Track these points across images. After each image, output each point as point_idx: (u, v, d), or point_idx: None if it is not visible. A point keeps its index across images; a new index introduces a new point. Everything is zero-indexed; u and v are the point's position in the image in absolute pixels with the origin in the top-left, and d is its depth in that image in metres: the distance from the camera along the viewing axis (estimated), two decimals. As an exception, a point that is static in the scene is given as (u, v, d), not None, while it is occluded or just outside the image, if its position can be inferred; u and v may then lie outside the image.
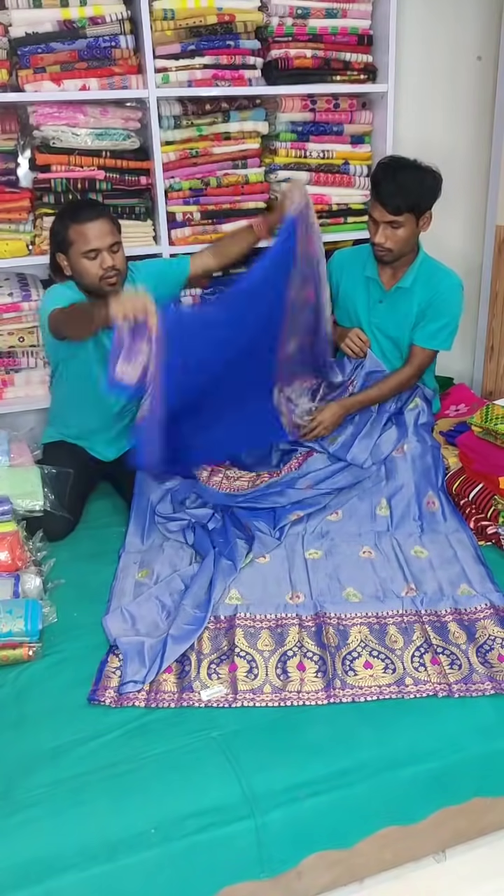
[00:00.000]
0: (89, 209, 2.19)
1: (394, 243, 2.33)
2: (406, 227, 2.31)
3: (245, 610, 1.95)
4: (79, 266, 2.19)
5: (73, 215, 2.17)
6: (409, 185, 2.25)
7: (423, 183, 2.28)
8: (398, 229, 2.30)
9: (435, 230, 2.44)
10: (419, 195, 2.27)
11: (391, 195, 2.24)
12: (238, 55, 2.54)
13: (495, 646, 1.83)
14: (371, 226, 2.36)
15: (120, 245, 2.21)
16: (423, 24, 2.87)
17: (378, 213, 2.30)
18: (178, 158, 2.61)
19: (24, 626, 1.81)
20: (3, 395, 2.69)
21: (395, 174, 2.26)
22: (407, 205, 2.26)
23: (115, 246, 2.19)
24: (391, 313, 2.49)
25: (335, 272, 2.59)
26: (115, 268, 2.18)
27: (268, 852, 1.46)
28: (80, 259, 2.17)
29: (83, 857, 1.37)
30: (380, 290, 2.49)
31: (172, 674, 1.77)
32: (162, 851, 1.40)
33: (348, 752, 1.56)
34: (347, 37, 2.65)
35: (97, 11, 2.37)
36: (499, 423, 2.32)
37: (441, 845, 1.67)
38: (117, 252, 2.20)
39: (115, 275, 2.19)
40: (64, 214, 2.21)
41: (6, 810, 1.44)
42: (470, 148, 3.11)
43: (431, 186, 2.30)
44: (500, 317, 3.15)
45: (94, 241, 2.15)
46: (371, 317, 2.53)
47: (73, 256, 2.19)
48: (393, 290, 2.46)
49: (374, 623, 1.91)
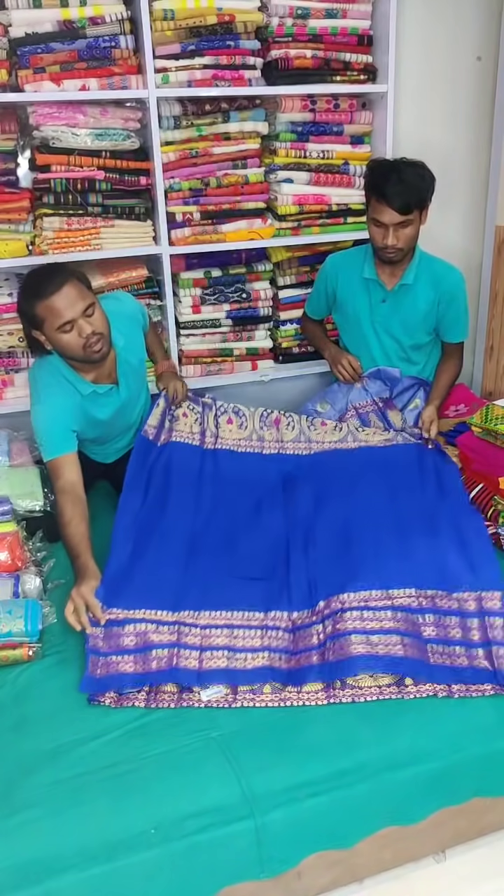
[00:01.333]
0: (50, 280, 1.97)
1: (404, 243, 2.34)
2: (414, 224, 2.33)
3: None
4: (58, 342, 2.02)
5: (35, 291, 1.98)
6: (412, 182, 2.27)
7: (424, 177, 2.30)
8: (407, 228, 2.31)
9: (435, 230, 2.45)
10: (424, 189, 2.30)
11: (399, 195, 2.25)
12: (238, 55, 2.54)
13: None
14: (375, 230, 2.36)
15: (94, 305, 2.02)
16: (422, 25, 2.87)
17: (388, 217, 2.29)
18: (177, 159, 2.61)
19: (24, 627, 1.81)
20: (3, 395, 2.70)
21: (396, 175, 2.26)
22: (416, 201, 2.27)
23: (90, 309, 2.00)
24: (395, 311, 2.50)
25: (330, 277, 2.59)
26: (94, 333, 2.01)
27: (268, 852, 1.46)
28: (57, 334, 2.00)
29: (83, 857, 1.37)
30: (381, 290, 2.49)
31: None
32: (162, 851, 1.40)
33: (348, 752, 1.56)
34: (347, 37, 2.65)
35: (97, 11, 2.37)
36: (499, 424, 2.32)
37: (441, 845, 1.67)
38: (93, 315, 2.01)
39: (97, 340, 2.03)
40: (27, 291, 2.02)
41: (6, 810, 1.44)
42: (470, 148, 3.11)
43: (430, 179, 2.33)
44: (500, 317, 3.15)
45: (66, 313, 1.96)
46: (374, 317, 2.53)
47: (48, 333, 2.02)
48: (396, 288, 2.47)
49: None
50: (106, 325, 2.08)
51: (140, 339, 2.36)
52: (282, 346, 3.01)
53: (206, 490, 2.27)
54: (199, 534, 2.13)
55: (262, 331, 2.95)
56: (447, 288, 2.47)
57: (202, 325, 2.85)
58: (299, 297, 2.94)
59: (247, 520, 2.21)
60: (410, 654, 1.73)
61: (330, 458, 2.42)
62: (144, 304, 2.73)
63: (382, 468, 2.36)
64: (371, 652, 1.72)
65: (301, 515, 2.21)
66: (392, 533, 2.09)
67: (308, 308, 2.79)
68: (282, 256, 2.87)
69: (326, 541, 2.09)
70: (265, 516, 2.23)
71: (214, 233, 2.71)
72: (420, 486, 2.31)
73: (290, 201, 2.76)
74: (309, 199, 2.78)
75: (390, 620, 1.80)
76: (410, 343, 2.55)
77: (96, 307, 2.04)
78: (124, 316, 2.25)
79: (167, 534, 2.11)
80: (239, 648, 1.79)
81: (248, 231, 2.75)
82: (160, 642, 1.79)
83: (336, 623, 1.80)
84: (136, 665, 1.75)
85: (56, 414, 2.10)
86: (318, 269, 2.90)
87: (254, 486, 2.32)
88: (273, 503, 2.27)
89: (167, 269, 2.70)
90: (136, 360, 2.31)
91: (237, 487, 2.30)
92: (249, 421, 2.48)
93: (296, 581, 1.97)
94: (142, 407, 2.43)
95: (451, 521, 2.14)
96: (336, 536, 2.10)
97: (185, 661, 1.74)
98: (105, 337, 2.07)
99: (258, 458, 2.43)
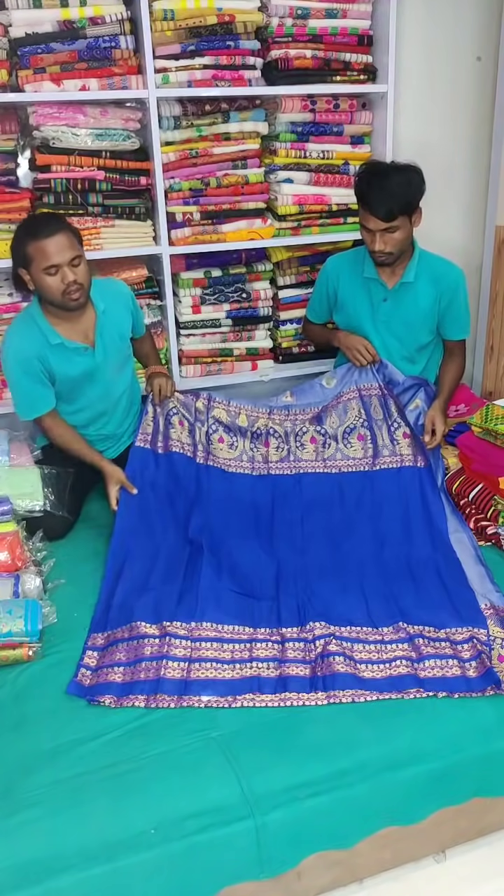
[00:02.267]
0: (47, 224, 2.13)
1: (393, 247, 2.34)
2: (402, 229, 2.31)
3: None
4: (41, 282, 2.15)
5: (31, 231, 2.13)
6: (395, 189, 2.25)
7: (411, 183, 2.28)
8: (395, 233, 2.31)
9: (435, 230, 2.45)
10: (408, 196, 2.28)
11: (381, 203, 2.24)
12: (238, 55, 2.54)
13: (495, 646, 1.83)
14: (366, 234, 2.36)
15: (81, 258, 2.16)
16: (422, 25, 2.87)
17: (372, 223, 2.29)
18: (177, 159, 2.61)
19: (24, 627, 1.81)
20: (2, 395, 2.69)
21: (378, 182, 2.26)
22: (399, 208, 2.26)
23: (76, 260, 2.14)
24: (397, 310, 2.50)
25: (331, 278, 2.59)
26: (76, 282, 2.14)
27: (268, 853, 1.46)
28: (42, 275, 2.13)
29: (83, 857, 1.37)
30: (382, 289, 2.49)
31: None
32: (162, 852, 1.40)
33: (348, 753, 1.55)
34: (347, 37, 2.65)
35: (97, 12, 2.37)
36: (499, 424, 2.32)
37: (441, 846, 1.67)
38: (78, 266, 2.15)
39: (77, 289, 2.15)
40: (22, 230, 2.16)
41: (6, 810, 1.44)
42: (469, 148, 3.11)
43: (418, 184, 2.30)
44: (500, 317, 3.15)
45: (54, 257, 2.10)
46: (376, 316, 2.53)
47: (34, 272, 2.14)
48: (397, 286, 2.47)
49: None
50: (88, 278, 2.21)
51: (125, 318, 2.41)
52: (282, 346, 3.01)
53: (198, 507, 2.31)
54: (193, 551, 2.16)
55: (261, 331, 2.95)
56: (448, 285, 2.47)
57: (202, 325, 2.85)
58: (299, 297, 2.94)
59: (237, 540, 2.23)
60: (402, 672, 1.75)
61: (317, 484, 2.43)
62: (144, 304, 2.74)
63: (368, 502, 2.37)
64: (362, 676, 1.74)
65: (290, 543, 2.24)
66: (377, 576, 2.10)
67: (309, 313, 2.77)
68: (282, 256, 2.87)
69: (315, 573, 2.11)
70: (254, 538, 2.26)
71: (214, 233, 2.71)
72: (402, 527, 2.30)
73: (290, 201, 2.76)
74: (309, 199, 2.78)
75: (382, 652, 1.82)
76: (413, 342, 2.55)
77: (83, 260, 2.17)
78: (111, 290, 2.39)
79: (161, 550, 2.17)
80: (227, 661, 1.80)
81: (248, 231, 2.75)
82: (151, 654, 1.80)
83: (327, 644, 1.81)
84: (125, 676, 1.76)
85: (25, 366, 2.24)
86: (318, 269, 2.90)
87: (244, 507, 2.36)
88: (262, 526, 2.31)
89: (167, 269, 2.70)
90: (117, 333, 2.37)
91: (228, 506, 2.34)
92: (240, 441, 2.50)
93: (286, 604, 1.99)
94: (127, 387, 2.47)
95: (434, 567, 2.13)
96: (325, 570, 2.12)
97: (171, 672, 1.75)
98: (84, 289, 2.19)
99: (248, 479, 2.45)
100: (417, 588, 2.05)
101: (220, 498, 2.36)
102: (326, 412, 2.52)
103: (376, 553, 2.20)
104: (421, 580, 2.08)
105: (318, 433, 2.51)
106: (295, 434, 2.52)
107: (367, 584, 2.07)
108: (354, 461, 2.47)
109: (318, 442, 2.51)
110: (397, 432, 2.48)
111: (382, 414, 2.51)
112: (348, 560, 2.17)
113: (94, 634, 1.91)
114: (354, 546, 2.23)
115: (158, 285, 2.76)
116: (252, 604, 1.99)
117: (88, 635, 1.91)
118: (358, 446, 2.49)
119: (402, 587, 2.05)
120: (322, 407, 2.53)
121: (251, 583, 2.07)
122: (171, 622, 1.87)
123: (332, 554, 2.20)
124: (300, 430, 2.52)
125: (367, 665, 1.77)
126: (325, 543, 2.25)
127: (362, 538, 2.26)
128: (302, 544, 2.24)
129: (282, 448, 2.50)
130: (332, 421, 2.52)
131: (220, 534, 2.24)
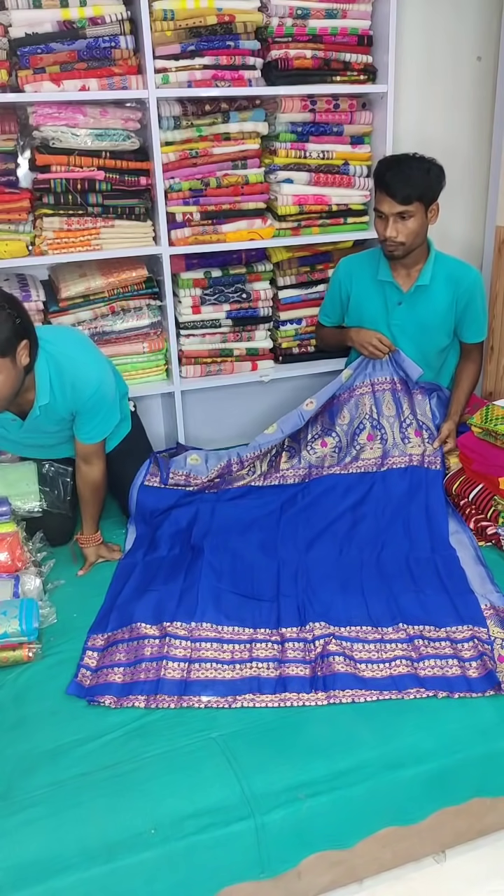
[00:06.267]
0: None
1: (405, 236, 2.31)
2: (416, 217, 2.30)
3: None
4: None
5: None
6: (416, 174, 2.26)
7: (430, 171, 2.29)
8: (408, 220, 2.29)
9: (435, 230, 2.44)
10: (427, 183, 2.28)
11: (400, 185, 2.24)
12: (238, 55, 2.54)
13: (495, 646, 1.83)
14: (379, 222, 2.35)
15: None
16: (422, 25, 2.87)
17: (387, 206, 2.28)
18: (177, 159, 2.61)
19: (20, 626, 1.80)
20: None
21: (400, 165, 2.27)
22: (417, 193, 2.26)
23: None
24: (412, 313, 2.48)
25: (344, 280, 2.57)
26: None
27: (268, 853, 1.46)
28: None
29: (83, 857, 1.37)
30: (398, 292, 2.48)
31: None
32: (162, 852, 1.40)
33: (348, 753, 1.56)
34: (347, 37, 2.65)
35: (97, 12, 2.37)
36: (499, 424, 2.32)
37: (441, 846, 1.67)
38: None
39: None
40: None
41: (6, 811, 1.44)
42: (470, 148, 3.11)
43: (437, 175, 2.31)
44: (500, 317, 3.14)
45: None
46: (391, 320, 2.51)
47: None
48: (412, 290, 2.45)
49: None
50: (7, 390, 1.91)
51: (68, 414, 2.15)
52: (282, 347, 3.01)
53: (202, 515, 2.34)
54: (193, 552, 2.18)
55: (261, 331, 2.95)
56: (466, 287, 2.44)
57: (202, 326, 2.85)
58: (299, 297, 2.94)
59: (238, 541, 2.24)
60: (402, 672, 1.75)
61: (321, 484, 2.44)
62: (144, 305, 2.74)
63: (371, 502, 2.38)
64: (362, 676, 1.74)
65: (293, 545, 2.25)
66: (377, 576, 2.11)
67: (322, 316, 2.76)
68: (282, 257, 2.87)
69: (316, 574, 2.11)
70: (255, 538, 2.27)
71: (214, 233, 2.71)
72: (403, 527, 2.31)
73: (290, 201, 2.76)
74: (309, 199, 2.78)
75: (382, 652, 1.82)
76: (428, 345, 2.52)
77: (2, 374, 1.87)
78: (69, 390, 2.07)
79: (166, 559, 2.20)
80: (227, 661, 1.80)
81: (248, 231, 2.75)
82: (151, 655, 1.80)
83: (327, 644, 1.82)
84: (125, 676, 1.76)
85: None
86: (318, 269, 2.90)
87: (248, 510, 2.39)
88: (263, 526, 2.32)
89: (167, 270, 2.70)
90: (54, 421, 2.15)
91: (231, 510, 2.37)
92: (257, 466, 2.53)
93: (285, 604, 1.99)
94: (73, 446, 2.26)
95: (434, 568, 2.14)
96: (326, 571, 2.13)
97: (171, 672, 1.75)
98: (6, 399, 1.93)
99: (256, 489, 2.47)
100: (417, 588, 2.06)
101: (226, 506, 2.39)
102: (339, 406, 2.52)
103: (377, 553, 2.20)
104: (421, 580, 2.09)
105: (328, 436, 2.53)
106: (306, 441, 2.53)
107: (368, 584, 2.07)
108: (364, 462, 2.47)
109: (329, 445, 2.51)
110: (408, 430, 2.48)
111: (395, 410, 2.51)
112: (349, 560, 2.18)
113: (93, 635, 1.92)
114: (356, 546, 2.23)
115: (158, 285, 2.76)
116: (252, 604, 1.99)
117: (88, 636, 1.91)
118: (367, 447, 2.49)
119: (402, 587, 2.06)
120: (335, 400, 2.53)
121: (251, 584, 2.07)
122: (171, 623, 1.88)
123: (333, 554, 2.20)
124: (312, 436, 2.54)
125: (367, 664, 1.77)
126: (327, 543, 2.25)
127: (364, 538, 2.26)
128: (303, 544, 2.24)
129: (294, 457, 2.53)
130: (342, 418, 2.52)
131: (221, 534, 2.24)
